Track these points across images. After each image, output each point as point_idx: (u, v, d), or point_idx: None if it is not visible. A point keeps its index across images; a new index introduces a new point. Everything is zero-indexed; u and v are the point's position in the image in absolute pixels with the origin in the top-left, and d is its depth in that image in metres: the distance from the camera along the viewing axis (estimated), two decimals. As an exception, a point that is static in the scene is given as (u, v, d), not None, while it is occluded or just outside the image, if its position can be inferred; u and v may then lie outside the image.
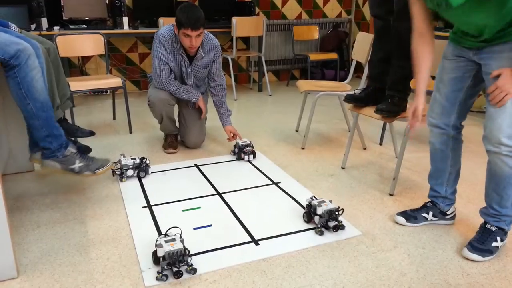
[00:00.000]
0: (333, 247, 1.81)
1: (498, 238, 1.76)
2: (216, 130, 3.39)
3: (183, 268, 1.61)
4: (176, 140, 3.02)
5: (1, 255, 1.55)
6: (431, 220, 2.00)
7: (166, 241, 1.61)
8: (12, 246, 1.56)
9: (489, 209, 1.79)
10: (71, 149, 2.01)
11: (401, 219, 2.01)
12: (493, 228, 1.78)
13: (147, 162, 2.50)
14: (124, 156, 2.50)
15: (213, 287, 1.56)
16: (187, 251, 1.63)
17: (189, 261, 1.63)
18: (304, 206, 2.07)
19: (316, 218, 1.93)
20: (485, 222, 1.81)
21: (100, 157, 2.13)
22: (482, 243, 1.76)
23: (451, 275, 1.64)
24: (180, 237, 1.64)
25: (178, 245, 1.60)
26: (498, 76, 1.59)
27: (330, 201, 1.97)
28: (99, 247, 1.81)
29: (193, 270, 1.61)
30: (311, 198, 2.01)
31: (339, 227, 1.92)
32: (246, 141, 2.80)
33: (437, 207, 1.99)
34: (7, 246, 1.55)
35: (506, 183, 1.68)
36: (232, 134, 2.93)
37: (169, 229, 1.77)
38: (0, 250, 1.54)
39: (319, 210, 1.91)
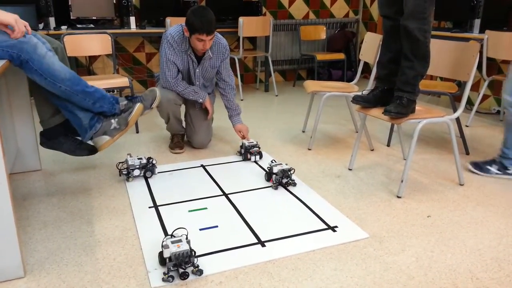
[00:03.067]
0: (340, 249, 1.80)
1: (495, 167, 2.54)
2: (222, 130, 3.39)
3: (189, 270, 1.60)
4: (182, 140, 3.02)
5: (8, 255, 1.56)
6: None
7: (172, 242, 1.61)
8: (19, 246, 1.56)
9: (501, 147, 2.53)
10: (122, 102, 2.13)
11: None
12: (497, 159, 2.55)
13: (154, 162, 2.50)
14: (130, 156, 2.50)
15: (219, 289, 1.55)
16: (193, 252, 1.62)
17: (195, 262, 1.62)
18: (271, 174, 2.42)
19: (273, 177, 2.36)
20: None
21: (147, 92, 2.26)
22: (482, 162, 2.59)
23: (460, 279, 1.61)
24: (186, 238, 1.64)
25: (184, 246, 1.59)
26: None
27: (286, 164, 2.42)
28: (105, 247, 1.80)
29: (199, 272, 1.61)
30: (271, 161, 2.45)
31: (290, 183, 2.38)
32: (252, 142, 2.79)
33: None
34: (14, 246, 1.55)
35: (507, 128, 2.46)
36: (241, 134, 2.94)
37: (175, 230, 1.76)
38: (8, 249, 1.55)
39: (275, 169, 2.37)
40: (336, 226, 1.97)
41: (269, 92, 4.92)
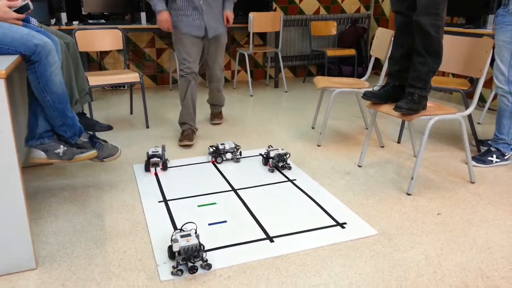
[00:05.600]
0: (348, 246, 1.79)
1: (494, 156, 2.64)
2: (229, 128, 3.39)
3: (198, 264, 1.62)
4: (192, 133, 3.05)
5: (21, 247, 1.58)
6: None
7: (182, 236, 1.62)
8: (31, 238, 1.58)
9: (494, 134, 2.68)
10: (83, 138, 2.09)
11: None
12: (493, 149, 2.67)
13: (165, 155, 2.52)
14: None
15: (228, 283, 1.56)
16: (202, 246, 1.63)
17: (204, 256, 1.63)
18: (263, 154, 2.67)
19: (270, 161, 2.54)
20: (490, 145, 2.71)
21: (111, 146, 2.20)
22: (481, 156, 2.67)
23: (470, 277, 1.60)
24: (196, 232, 1.65)
25: (193, 241, 1.60)
26: None
27: (282, 149, 2.60)
28: (115, 241, 1.83)
29: (208, 266, 1.62)
30: (268, 147, 2.65)
31: (285, 167, 2.55)
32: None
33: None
34: (27, 238, 1.58)
35: (501, 114, 2.61)
36: (226, 19, 3.12)
37: (184, 224, 1.77)
38: (20, 241, 1.57)
39: (272, 154, 2.55)
40: (345, 223, 1.97)
41: (279, 88, 4.91)
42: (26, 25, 1.90)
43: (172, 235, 1.63)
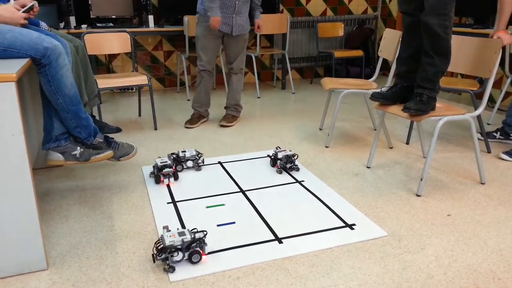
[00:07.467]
0: (358, 247, 1.79)
1: None
2: (236, 129, 3.40)
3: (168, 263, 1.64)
4: (198, 118, 3.48)
5: (32, 248, 1.60)
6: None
7: (179, 234, 1.66)
8: (42, 239, 1.60)
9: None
10: (99, 139, 2.11)
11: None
12: None
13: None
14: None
15: (237, 284, 1.56)
16: (174, 250, 1.63)
17: (171, 259, 1.62)
18: (271, 155, 2.66)
19: (278, 162, 2.55)
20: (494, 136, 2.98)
21: (126, 144, 2.23)
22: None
23: (480, 279, 1.59)
24: (197, 238, 1.66)
25: (172, 239, 1.62)
26: None
27: (290, 150, 2.60)
28: (125, 242, 1.84)
29: (171, 268, 1.62)
30: (276, 148, 2.64)
31: (293, 168, 2.55)
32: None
33: None
34: (38, 239, 1.59)
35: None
36: (257, 26, 3.60)
37: (202, 232, 1.74)
38: (31, 242, 1.59)
39: (280, 155, 2.56)
40: (354, 224, 1.96)
41: (286, 89, 4.91)
42: (36, 28, 1.92)
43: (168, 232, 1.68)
